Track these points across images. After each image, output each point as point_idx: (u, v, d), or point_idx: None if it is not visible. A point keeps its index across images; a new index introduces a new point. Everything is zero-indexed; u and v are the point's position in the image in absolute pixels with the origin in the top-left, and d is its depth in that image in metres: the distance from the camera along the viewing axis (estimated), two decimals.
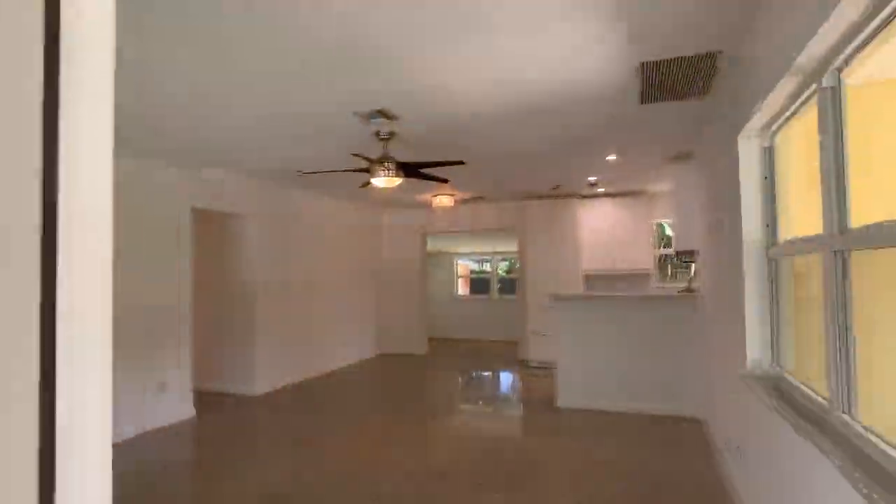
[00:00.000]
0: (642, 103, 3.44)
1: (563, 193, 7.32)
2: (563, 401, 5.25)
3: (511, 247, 11.10)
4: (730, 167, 2.93)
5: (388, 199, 7.79)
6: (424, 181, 5.91)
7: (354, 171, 4.10)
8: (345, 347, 7.72)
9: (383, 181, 4.00)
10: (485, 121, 3.73)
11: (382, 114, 3.50)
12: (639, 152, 4.86)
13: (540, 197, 7.57)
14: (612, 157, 5.08)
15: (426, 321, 8.95)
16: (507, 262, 11.59)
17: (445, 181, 4.45)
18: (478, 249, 11.50)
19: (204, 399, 5.69)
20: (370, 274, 8.55)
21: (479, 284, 11.65)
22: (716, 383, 3.87)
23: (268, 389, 6.08)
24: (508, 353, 8.82)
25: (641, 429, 4.51)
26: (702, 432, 4.41)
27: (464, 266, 11.86)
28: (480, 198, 7.71)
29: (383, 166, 3.92)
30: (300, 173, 4.40)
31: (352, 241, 8.03)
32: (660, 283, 7.44)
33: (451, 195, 7.26)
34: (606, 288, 7.63)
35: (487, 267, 11.69)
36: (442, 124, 3.77)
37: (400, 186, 6.39)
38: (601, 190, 7.08)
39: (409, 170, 3.98)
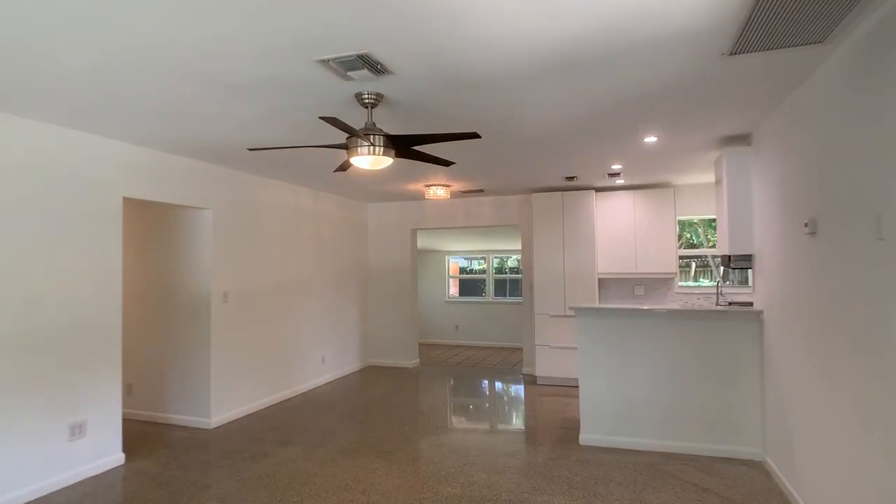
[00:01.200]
0: (732, 53, 2.46)
1: (577, 185, 6.35)
2: (587, 435, 4.29)
3: (508, 245, 10.13)
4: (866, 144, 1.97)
5: (373, 190, 6.75)
6: (420, 165, 4.92)
7: (325, 146, 3.07)
8: (325, 362, 6.68)
9: (367, 161, 2.97)
10: (509, 78, 2.72)
11: (366, 63, 2.47)
12: (687, 132, 3.90)
13: (550, 189, 6.59)
14: (651, 139, 4.11)
15: (417, 329, 7.93)
16: (500, 261, 10.60)
17: (448, 164, 3.44)
18: (472, 248, 10.51)
19: (141, 436, 4.62)
20: (354, 276, 7.51)
21: (470, 286, 10.67)
22: (798, 423, 2.92)
23: (225, 420, 5.02)
24: (509, 365, 7.85)
25: (693, 479, 3.56)
26: (772, 482, 3.48)
27: (455, 266, 10.86)
28: (479, 190, 6.71)
29: (368, 140, 2.89)
30: (252, 150, 3.35)
31: (332, 239, 6.97)
32: (681, 287, 6.52)
33: (447, 186, 6.25)
34: (623, 293, 6.70)
35: (476, 266, 10.70)
36: (449, 81, 2.75)
37: (388, 171, 5.39)
38: (620, 181, 6.12)
39: (402, 146, 2.95)
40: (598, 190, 6.55)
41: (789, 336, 3.28)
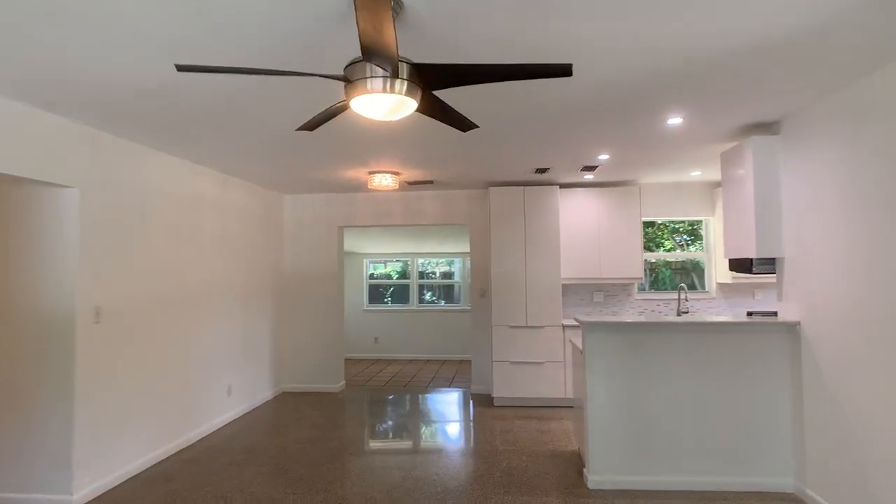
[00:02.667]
0: None
1: (540, 180, 5.65)
2: (598, 477, 3.52)
3: (442, 246, 9.23)
4: None
5: (296, 177, 5.46)
6: (371, 144, 3.68)
7: (315, 75, 1.94)
8: (232, 393, 5.22)
9: (383, 104, 1.88)
10: None
11: None
12: (721, 111, 3.31)
13: (510, 183, 5.82)
14: (675, 120, 3.47)
15: (343, 347, 6.71)
16: (426, 265, 9.68)
17: (471, 127, 2.45)
18: (395, 250, 9.45)
19: None
20: (267, 283, 6.10)
21: (392, 293, 9.59)
22: (851, 453, 2.40)
23: (98, 491, 3.49)
24: (445, 381, 6.91)
25: None
26: None
27: (377, 270, 9.72)
28: (429, 182, 5.74)
29: (386, 69, 1.81)
30: (182, 70, 2.08)
31: (241, 237, 5.54)
32: (643, 293, 6.13)
33: (397, 174, 5.20)
34: (581, 299, 6.13)
35: (388, 270, 9.68)
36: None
37: (323, 148, 3.96)
38: (590, 177, 5.53)
39: (438, 83, 1.92)
40: (563, 186, 5.92)
41: (855, 351, 2.78)
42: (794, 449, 3.41)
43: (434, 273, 9.69)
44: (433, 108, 2.16)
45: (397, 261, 9.67)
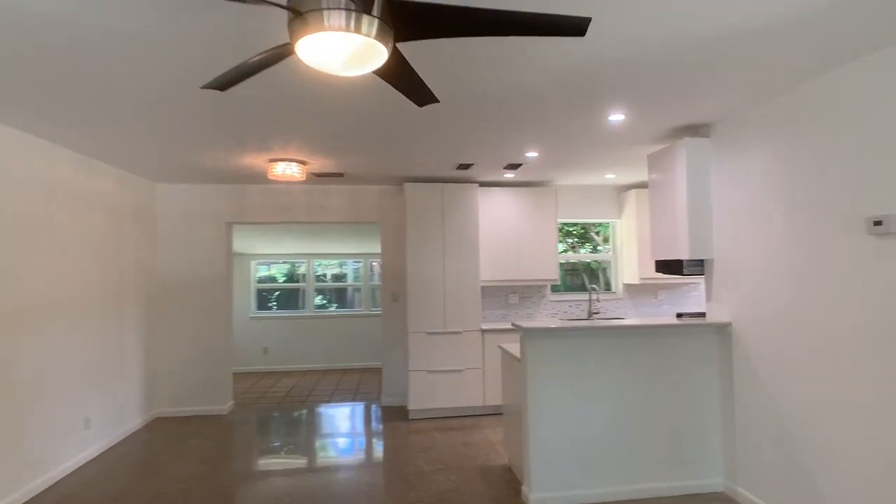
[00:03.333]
0: None
1: (459, 177, 5.36)
2: (540, 494, 3.27)
3: (351, 247, 8.59)
4: None
5: (175, 161, 4.59)
6: (272, 124, 3.06)
7: (250, 2, 1.40)
8: (90, 425, 4.20)
9: (344, 48, 1.41)
10: None
11: None
12: (661, 111, 3.24)
13: (429, 179, 5.45)
14: (617, 117, 3.35)
15: (231, 361, 5.84)
16: (321, 267, 8.98)
17: (428, 102, 2.03)
18: (291, 250, 8.61)
19: None
20: (136, 289, 5.08)
21: (283, 298, 8.74)
22: (782, 449, 2.43)
23: None
24: (349, 393, 6.34)
25: None
26: None
27: (262, 273, 8.78)
28: (339, 175, 5.17)
29: (354, 2, 1.34)
30: None
31: (105, 234, 4.53)
32: (557, 294, 6.11)
33: (304, 163, 4.58)
34: (497, 302, 5.95)
35: (272, 273, 8.86)
36: None
37: (210, 129, 3.08)
38: (510, 175, 5.35)
39: (418, 27, 1.48)
40: (483, 185, 5.68)
41: (787, 350, 2.83)
42: (725, 448, 3.45)
43: (326, 276, 9.00)
44: (396, 68, 1.72)
45: (284, 262, 8.83)
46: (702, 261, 3.67)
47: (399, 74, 1.77)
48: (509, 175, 5.31)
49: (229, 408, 5.71)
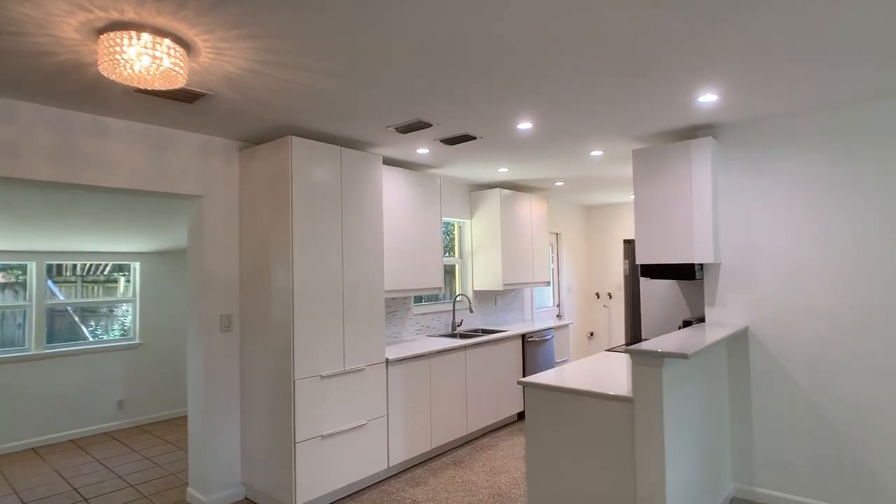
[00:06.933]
0: None
1: (354, 138, 3.67)
2: None
3: (121, 243, 4.83)
4: None
5: None
6: None
7: None
8: None
9: None
10: None
11: None
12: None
13: (319, 136, 3.49)
14: (709, 98, 2.84)
15: None
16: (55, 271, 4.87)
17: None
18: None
19: None
20: None
21: None
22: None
23: None
24: (112, 484, 3.47)
25: None
26: None
27: None
28: (203, 95, 2.71)
29: None
30: None
31: None
32: (419, 306, 5.01)
33: (185, 48, 2.15)
34: (402, 314, 4.41)
35: None
36: None
37: None
38: (423, 151, 4.02)
39: None
40: (388, 163, 4.07)
41: (830, 349, 3.01)
42: (734, 452, 3.39)
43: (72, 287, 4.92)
44: None
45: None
46: (697, 266, 3.55)
47: None
48: (423, 151, 3.99)
49: None
